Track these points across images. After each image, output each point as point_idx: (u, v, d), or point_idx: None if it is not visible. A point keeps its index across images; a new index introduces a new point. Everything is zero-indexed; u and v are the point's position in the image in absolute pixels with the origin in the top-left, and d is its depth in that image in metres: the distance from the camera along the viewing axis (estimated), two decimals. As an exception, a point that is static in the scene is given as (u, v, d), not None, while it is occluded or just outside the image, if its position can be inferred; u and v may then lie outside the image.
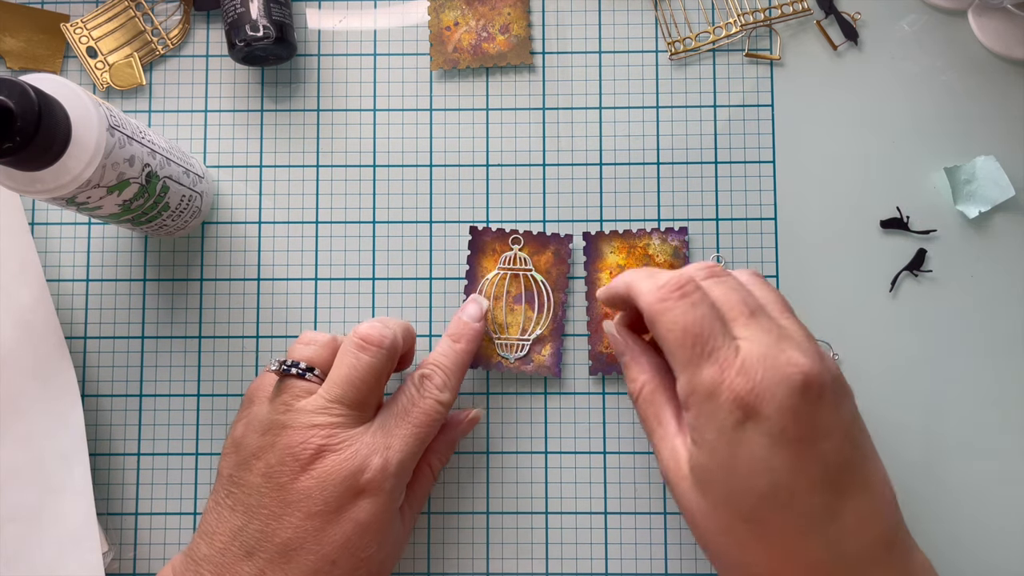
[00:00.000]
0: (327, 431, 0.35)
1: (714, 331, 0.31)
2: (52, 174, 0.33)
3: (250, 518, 0.34)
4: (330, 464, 0.34)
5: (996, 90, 0.45)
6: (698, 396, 0.30)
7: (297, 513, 0.34)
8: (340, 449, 0.34)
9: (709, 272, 0.33)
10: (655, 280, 0.33)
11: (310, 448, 0.34)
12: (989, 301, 0.44)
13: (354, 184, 0.45)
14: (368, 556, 0.35)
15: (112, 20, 0.46)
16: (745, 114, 0.45)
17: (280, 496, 0.34)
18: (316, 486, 0.34)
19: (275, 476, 0.34)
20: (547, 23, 0.46)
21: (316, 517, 0.34)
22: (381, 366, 0.36)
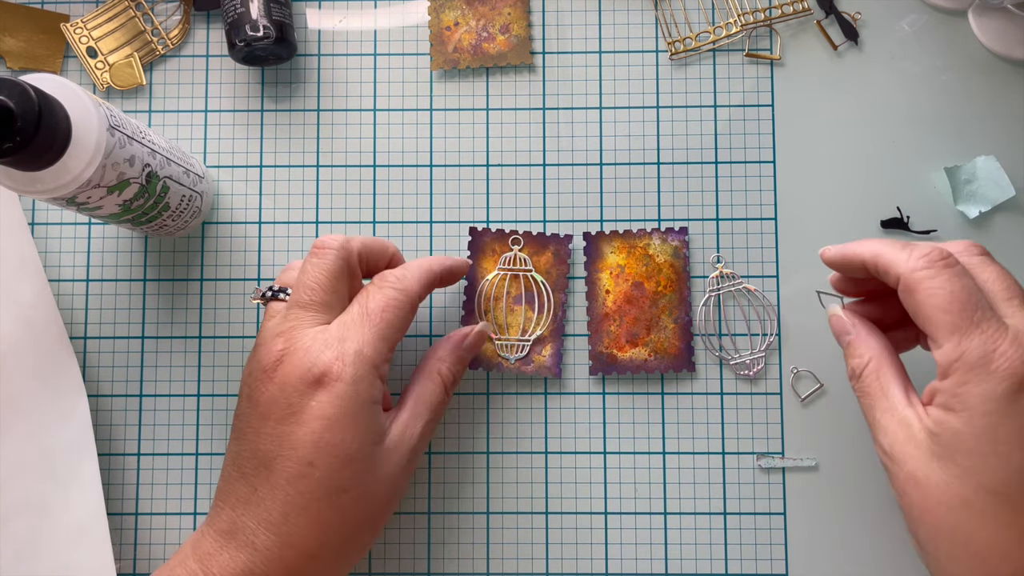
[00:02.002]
0: (286, 336, 0.34)
1: (981, 302, 0.31)
2: (52, 174, 0.33)
3: (241, 441, 0.34)
4: (287, 366, 0.34)
5: (996, 90, 0.45)
6: (966, 362, 0.30)
7: (269, 423, 0.34)
8: (295, 350, 0.34)
9: (978, 250, 0.33)
10: (912, 249, 0.32)
11: (272, 356, 0.34)
12: (989, 301, 0.44)
13: (354, 184, 0.45)
14: (348, 453, 0.33)
15: (112, 20, 0.46)
16: (745, 114, 0.45)
17: (256, 411, 0.34)
18: (278, 391, 0.34)
19: (252, 394, 0.34)
20: (547, 23, 0.46)
21: (284, 422, 0.33)
22: (334, 266, 0.36)
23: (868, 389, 0.34)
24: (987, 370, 0.29)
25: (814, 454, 0.43)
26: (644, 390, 0.44)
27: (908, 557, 0.42)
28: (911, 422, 0.32)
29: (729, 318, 0.44)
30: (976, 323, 0.30)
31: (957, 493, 0.30)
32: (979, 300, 0.31)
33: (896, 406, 0.33)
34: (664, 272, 0.43)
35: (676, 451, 0.43)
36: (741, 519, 0.43)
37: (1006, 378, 0.29)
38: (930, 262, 0.32)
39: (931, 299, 0.31)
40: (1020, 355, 0.29)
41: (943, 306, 0.31)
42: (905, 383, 0.34)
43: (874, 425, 0.33)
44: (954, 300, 0.31)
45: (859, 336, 0.36)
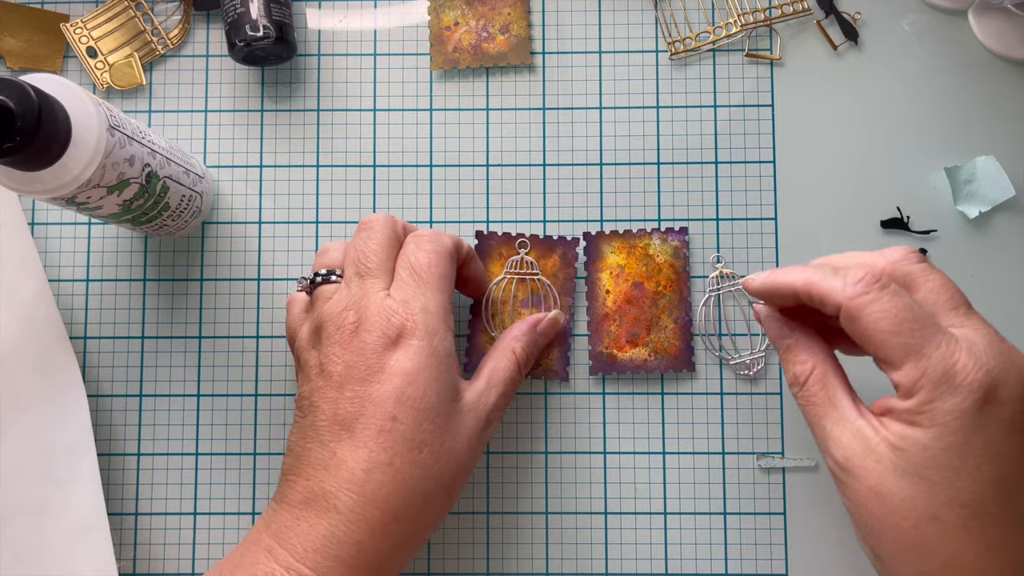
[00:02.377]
0: (356, 308, 0.35)
1: (926, 318, 0.30)
2: (52, 174, 0.33)
3: (315, 413, 0.35)
4: (363, 332, 0.35)
5: (996, 90, 0.45)
6: (930, 380, 0.29)
7: (349, 387, 0.34)
8: (368, 317, 0.35)
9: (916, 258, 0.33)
10: (844, 276, 0.32)
11: (347, 328, 0.35)
12: (989, 301, 0.44)
13: (354, 184, 0.45)
14: (429, 406, 0.34)
15: (112, 20, 0.46)
16: (745, 114, 0.45)
17: (332, 381, 0.35)
18: (357, 356, 0.34)
19: (326, 367, 0.35)
20: (547, 23, 0.46)
21: (365, 382, 0.34)
22: (383, 235, 0.37)
23: (814, 398, 0.33)
24: (952, 385, 0.29)
25: (814, 454, 0.43)
26: (644, 390, 0.44)
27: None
28: (868, 435, 0.31)
29: (729, 318, 0.44)
30: (929, 339, 0.30)
31: (925, 508, 0.29)
32: (924, 315, 0.30)
33: (848, 417, 0.32)
34: (664, 272, 0.43)
35: (676, 451, 0.43)
36: (741, 519, 0.43)
37: (972, 392, 0.29)
38: (867, 286, 0.31)
39: (878, 324, 0.30)
40: (978, 366, 0.29)
41: (892, 329, 0.30)
42: (851, 393, 0.33)
43: (824, 437, 0.32)
44: (902, 321, 0.30)
45: (800, 341, 0.35)
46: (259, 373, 0.44)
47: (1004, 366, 0.29)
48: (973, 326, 0.31)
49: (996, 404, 0.29)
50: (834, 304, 0.32)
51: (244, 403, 0.44)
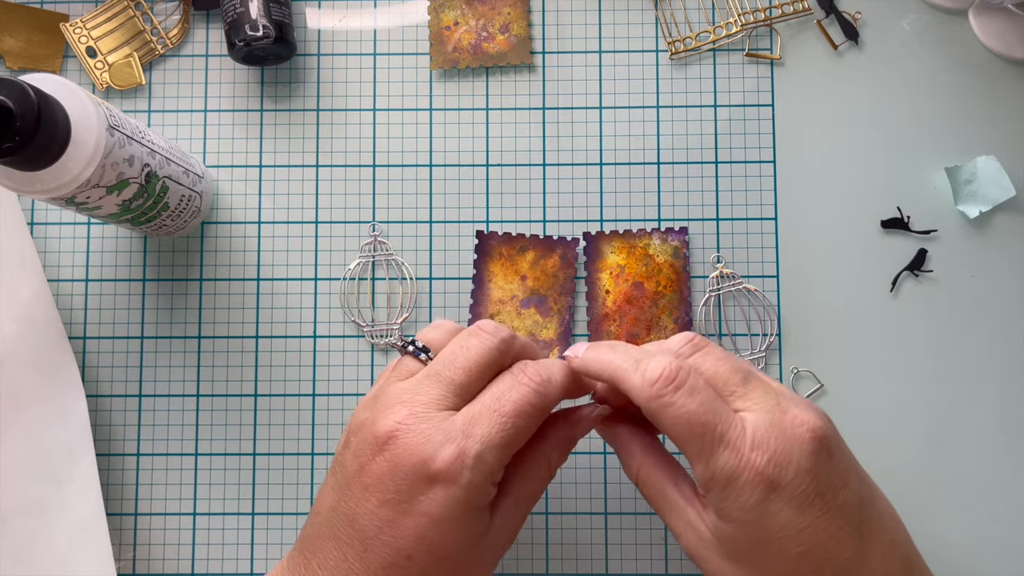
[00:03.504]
0: (408, 409, 0.32)
1: (718, 414, 0.31)
2: (52, 174, 0.33)
3: (340, 498, 0.32)
4: (402, 447, 0.31)
5: (996, 90, 0.45)
6: (718, 481, 0.30)
7: (372, 499, 0.32)
8: (415, 432, 0.31)
9: (692, 347, 0.33)
10: (643, 374, 0.32)
11: (389, 424, 0.32)
12: (990, 301, 0.44)
13: (354, 184, 0.45)
14: (448, 554, 0.31)
15: (111, 20, 0.46)
16: (745, 114, 0.45)
17: (360, 478, 0.32)
18: (388, 470, 0.31)
19: (359, 455, 0.32)
20: (547, 23, 0.46)
21: (388, 506, 0.31)
22: (489, 353, 0.34)
23: (650, 495, 0.34)
24: (738, 485, 0.30)
25: (814, 454, 0.43)
26: (644, 390, 0.43)
27: (908, 557, 0.42)
28: (695, 524, 0.32)
29: (729, 318, 0.44)
30: (718, 440, 0.30)
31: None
32: (716, 411, 0.31)
33: (679, 509, 0.33)
34: (664, 272, 0.43)
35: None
36: (741, 519, 0.43)
37: (755, 486, 0.30)
38: (662, 389, 0.31)
39: (674, 428, 0.31)
40: (761, 458, 0.30)
41: (685, 434, 0.30)
42: (675, 478, 0.34)
43: (670, 528, 0.34)
44: (693, 425, 0.30)
45: (623, 447, 0.35)
46: (259, 373, 0.44)
47: (785, 446, 0.30)
48: (754, 401, 0.31)
49: (783, 487, 0.30)
50: (637, 402, 0.32)
51: (244, 403, 0.44)
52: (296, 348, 0.44)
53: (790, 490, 0.30)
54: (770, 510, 0.30)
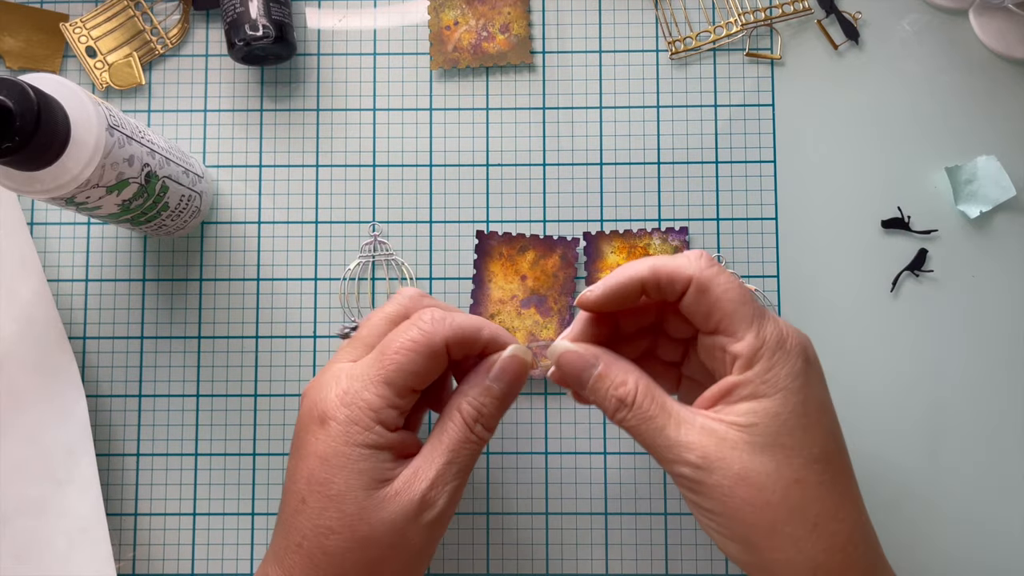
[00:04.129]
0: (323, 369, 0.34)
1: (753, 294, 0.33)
2: (51, 174, 0.33)
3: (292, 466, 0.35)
4: (305, 401, 0.34)
5: (997, 90, 0.45)
6: (770, 346, 0.31)
7: (290, 459, 0.34)
8: (314, 385, 0.34)
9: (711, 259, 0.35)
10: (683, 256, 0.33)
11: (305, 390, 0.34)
12: (990, 301, 0.44)
13: (353, 184, 0.45)
14: (335, 493, 0.32)
15: (111, 20, 0.45)
16: (746, 114, 0.45)
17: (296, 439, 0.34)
18: (298, 426, 0.34)
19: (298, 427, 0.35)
20: (547, 23, 0.46)
21: (293, 456, 0.34)
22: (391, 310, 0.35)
23: (648, 413, 0.32)
24: (785, 350, 0.31)
25: (814, 454, 0.43)
26: (644, 390, 0.43)
27: (908, 557, 0.42)
28: (715, 427, 0.31)
29: (729, 318, 0.44)
30: (763, 311, 0.32)
31: (787, 474, 0.30)
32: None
33: (688, 418, 0.31)
34: (664, 272, 0.43)
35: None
36: (741, 519, 0.43)
37: (800, 353, 0.31)
38: (712, 262, 0.33)
39: (727, 294, 0.32)
40: (796, 331, 0.32)
41: (739, 299, 0.32)
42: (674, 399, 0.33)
43: (670, 446, 0.31)
44: (745, 293, 0.32)
45: (610, 363, 0.33)
46: (258, 373, 0.44)
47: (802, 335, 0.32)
48: None
49: (812, 363, 0.32)
50: (685, 279, 0.32)
51: (244, 403, 0.44)
52: (296, 348, 0.44)
53: (817, 367, 0.32)
54: (810, 379, 0.31)
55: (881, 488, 0.42)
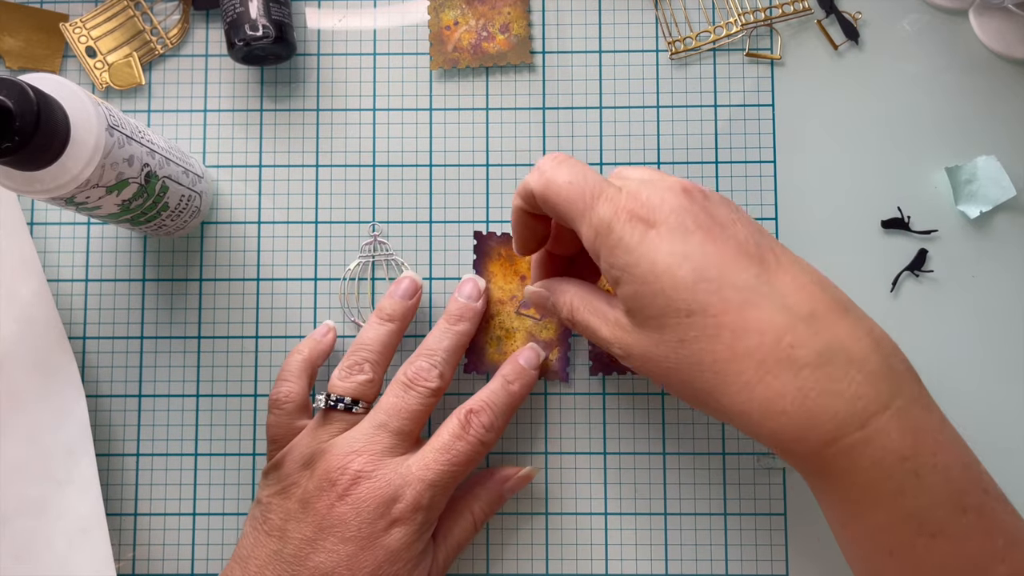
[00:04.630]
0: (365, 458, 0.36)
1: (597, 179, 0.32)
2: (51, 174, 0.33)
3: (285, 543, 0.35)
4: (365, 491, 0.35)
5: (997, 90, 0.45)
6: (601, 234, 0.31)
7: (331, 538, 0.35)
8: (376, 477, 0.36)
9: None
10: (536, 166, 0.34)
11: (348, 474, 0.35)
12: (990, 301, 0.44)
13: (353, 184, 0.45)
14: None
15: (111, 20, 0.46)
16: (745, 114, 0.45)
17: (316, 521, 0.35)
18: (351, 512, 0.35)
19: (312, 501, 0.35)
20: (547, 23, 0.46)
21: (350, 542, 0.35)
22: (427, 404, 0.38)
23: (584, 320, 0.34)
24: (617, 228, 0.31)
25: (814, 454, 0.43)
26: (644, 390, 0.43)
27: (908, 557, 0.42)
28: (617, 318, 0.33)
29: (729, 318, 0.44)
30: (596, 197, 0.32)
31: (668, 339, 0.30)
32: (595, 178, 0.32)
33: (606, 315, 0.33)
34: (664, 272, 0.43)
35: (676, 451, 0.43)
36: (741, 520, 0.43)
37: (634, 225, 0.31)
38: (547, 166, 0.33)
39: (559, 195, 0.32)
40: (633, 202, 0.31)
41: (568, 196, 0.32)
42: (609, 297, 0.34)
43: (605, 344, 0.34)
44: (572, 186, 0.32)
45: (556, 289, 0.37)
46: (258, 373, 0.44)
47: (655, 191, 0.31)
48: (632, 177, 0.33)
49: (659, 224, 0.31)
50: (533, 194, 0.34)
51: (243, 403, 0.44)
52: (296, 348, 0.44)
53: (668, 225, 0.30)
54: (652, 244, 0.30)
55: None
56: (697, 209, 0.31)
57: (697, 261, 0.30)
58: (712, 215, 0.31)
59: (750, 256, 0.30)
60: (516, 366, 0.40)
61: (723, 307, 0.29)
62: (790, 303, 0.29)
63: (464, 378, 0.44)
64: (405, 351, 0.44)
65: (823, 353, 0.29)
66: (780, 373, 0.29)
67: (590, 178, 0.32)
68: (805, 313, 0.29)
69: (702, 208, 0.31)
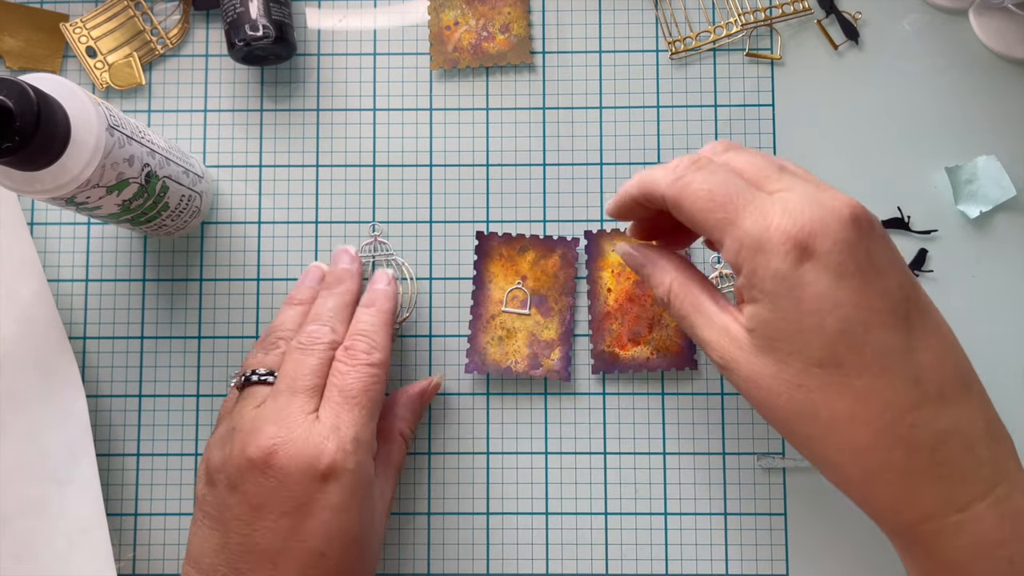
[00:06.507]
0: (277, 426, 0.34)
1: (742, 188, 0.30)
2: (51, 174, 0.33)
3: (227, 532, 0.33)
4: (285, 458, 0.33)
5: (997, 90, 0.45)
6: (748, 249, 0.29)
7: (269, 516, 0.33)
8: (292, 441, 0.33)
9: (724, 147, 0.33)
10: (667, 166, 0.32)
11: (263, 447, 0.33)
12: (990, 301, 0.44)
13: (353, 184, 0.45)
14: (356, 536, 0.34)
15: (111, 20, 0.46)
16: (745, 114, 0.45)
17: (247, 503, 0.33)
18: (277, 485, 0.33)
19: (239, 485, 0.33)
20: (547, 23, 0.46)
21: (289, 515, 0.33)
22: (323, 358, 0.37)
23: (681, 311, 0.33)
24: (769, 249, 0.29)
25: (814, 454, 0.43)
26: (645, 390, 0.44)
27: (909, 557, 0.42)
28: (729, 327, 0.31)
29: (729, 318, 0.44)
30: (743, 208, 0.30)
31: (789, 379, 0.29)
32: (739, 186, 0.30)
33: (712, 317, 0.32)
34: (664, 272, 0.43)
35: (676, 451, 0.43)
36: (741, 519, 0.43)
37: (788, 251, 0.28)
38: (683, 170, 0.31)
39: (696, 204, 0.30)
40: (792, 223, 0.28)
41: (707, 206, 0.30)
42: (714, 293, 0.33)
43: (701, 343, 0.33)
44: (714, 196, 0.30)
45: (654, 264, 0.35)
46: (259, 373, 0.44)
47: (820, 215, 0.28)
48: (790, 183, 0.30)
49: (817, 256, 0.28)
50: (660, 196, 0.32)
51: (244, 403, 0.44)
52: (296, 348, 0.44)
53: (825, 259, 0.28)
54: (804, 279, 0.28)
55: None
56: (861, 247, 0.29)
57: (847, 312, 0.28)
58: (872, 256, 0.29)
59: (897, 315, 0.29)
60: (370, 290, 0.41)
61: (859, 369, 0.28)
62: (923, 377, 0.29)
63: (464, 378, 0.44)
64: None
65: (940, 435, 0.28)
66: (894, 448, 0.28)
67: (734, 185, 0.30)
68: (934, 393, 0.29)
69: (866, 247, 0.29)
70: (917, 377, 0.29)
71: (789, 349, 0.29)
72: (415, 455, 0.43)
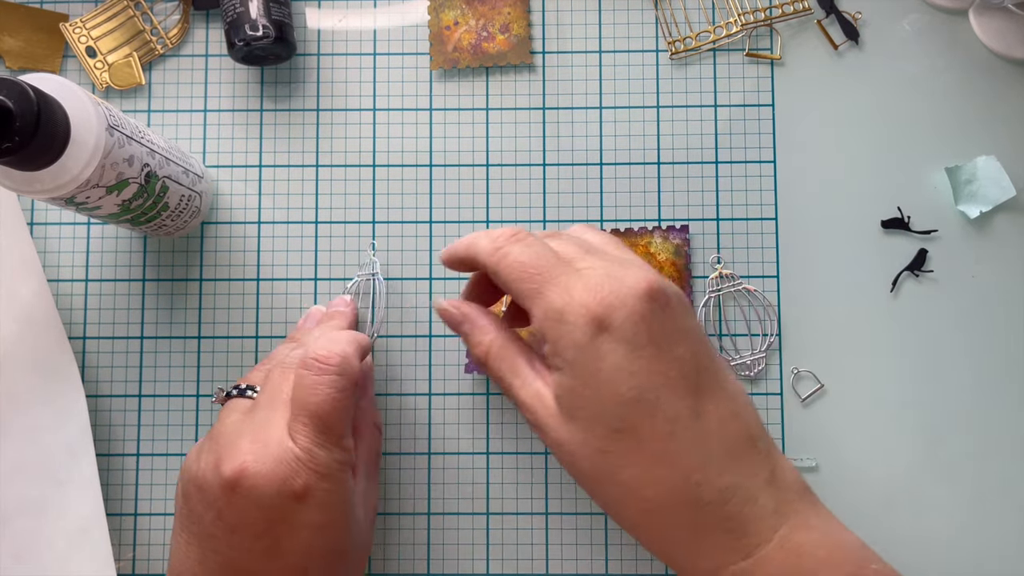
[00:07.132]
0: (250, 443, 0.32)
1: (554, 263, 0.32)
2: (51, 174, 0.33)
3: (204, 549, 0.33)
4: (258, 478, 0.31)
5: (997, 90, 0.45)
6: (551, 320, 0.31)
7: (245, 536, 0.32)
8: (264, 460, 0.32)
9: (544, 234, 0.35)
10: (491, 234, 0.34)
11: (235, 468, 0.32)
12: (990, 301, 0.44)
13: (353, 184, 0.45)
14: (338, 549, 0.33)
15: (111, 20, 0.46)
16: (745, 114, 0.45)
17: (222, 522, 0.32)
18: (252, 506, 0.31)
19: (212, 503, 0.32)
20: (547, 23, 0.46)
21: (266, 536, 0.32)
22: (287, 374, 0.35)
23: (499, 372, 0.34)
24: (569, 321, 0.30)
25: (814, 454, 0.43)
26: (644, 390, 0.43)
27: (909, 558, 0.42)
28: (542, 392, 0.33)
29: (729, 318, 0.44)
30: (551, 280, 0.31)
31: (592, 444, 0.31)
32: (551, 260, 0.32)
33: (527, 381, 0.33)
34: (666, 270, 0.43)
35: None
36: (741, 519, 0.43)
37: (586, 324, 0.30)
38: (503, 241, 0.33)
39: (511, 274, 0.32)
40: (592, 298, 0.30)
41: (520, 276, 0.32)
42: (530, 355, 0.34)
43: (517, 405, 0.34)
44: (526, 267, 0.32)
45: (473, 324, 0.36)
46: (259, 373, 0.44)
47: (617, 289, 0.30)
48: (596, 260, 0.32)
49: (613, 329, 0.30)
50: (482, 264, 0.33)
51: (244, 403, 0.44)
52: (296, 348, 0.44)
53: (621, 332, 0.30)
54: (600, 350, 0.30)
55: (879, 488, 0.42)
56: (655, 320, 0.31)
57: (641, 380, 0.30)
58: (666, 329, 0.31)
59: (688, 383, 0.31)
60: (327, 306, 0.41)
61: (651, 434, 0.30)
62: (710, 438, 0.31)
63: (464, 378, 0.44)
64: (405, 351, 0.44)
65: (723, 492, 0.30)
66: (682, 507, 0.30)
67: (546, 259, 0.32)
68: (720, 452, 0.31)
69: (660, 320, 0.31)
70: (704, 439, 0.31)
71: (590, 416, 0.31)
72: (415, 455, 0.43)
